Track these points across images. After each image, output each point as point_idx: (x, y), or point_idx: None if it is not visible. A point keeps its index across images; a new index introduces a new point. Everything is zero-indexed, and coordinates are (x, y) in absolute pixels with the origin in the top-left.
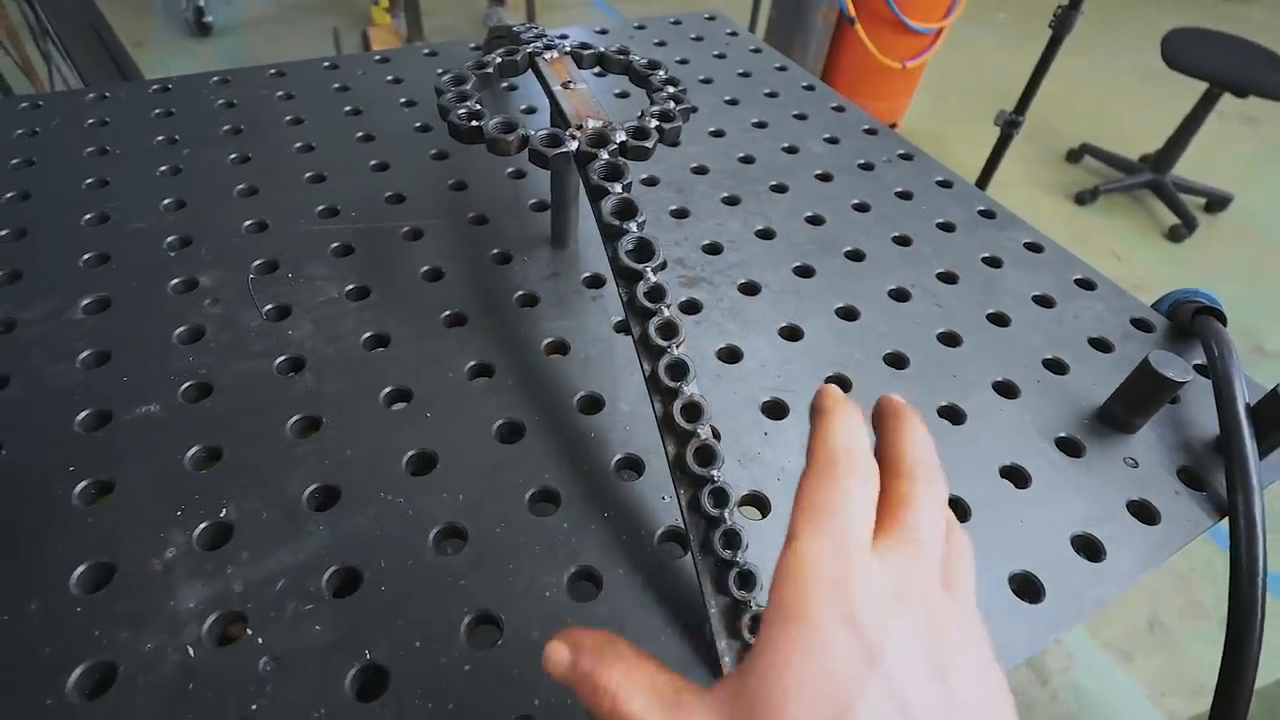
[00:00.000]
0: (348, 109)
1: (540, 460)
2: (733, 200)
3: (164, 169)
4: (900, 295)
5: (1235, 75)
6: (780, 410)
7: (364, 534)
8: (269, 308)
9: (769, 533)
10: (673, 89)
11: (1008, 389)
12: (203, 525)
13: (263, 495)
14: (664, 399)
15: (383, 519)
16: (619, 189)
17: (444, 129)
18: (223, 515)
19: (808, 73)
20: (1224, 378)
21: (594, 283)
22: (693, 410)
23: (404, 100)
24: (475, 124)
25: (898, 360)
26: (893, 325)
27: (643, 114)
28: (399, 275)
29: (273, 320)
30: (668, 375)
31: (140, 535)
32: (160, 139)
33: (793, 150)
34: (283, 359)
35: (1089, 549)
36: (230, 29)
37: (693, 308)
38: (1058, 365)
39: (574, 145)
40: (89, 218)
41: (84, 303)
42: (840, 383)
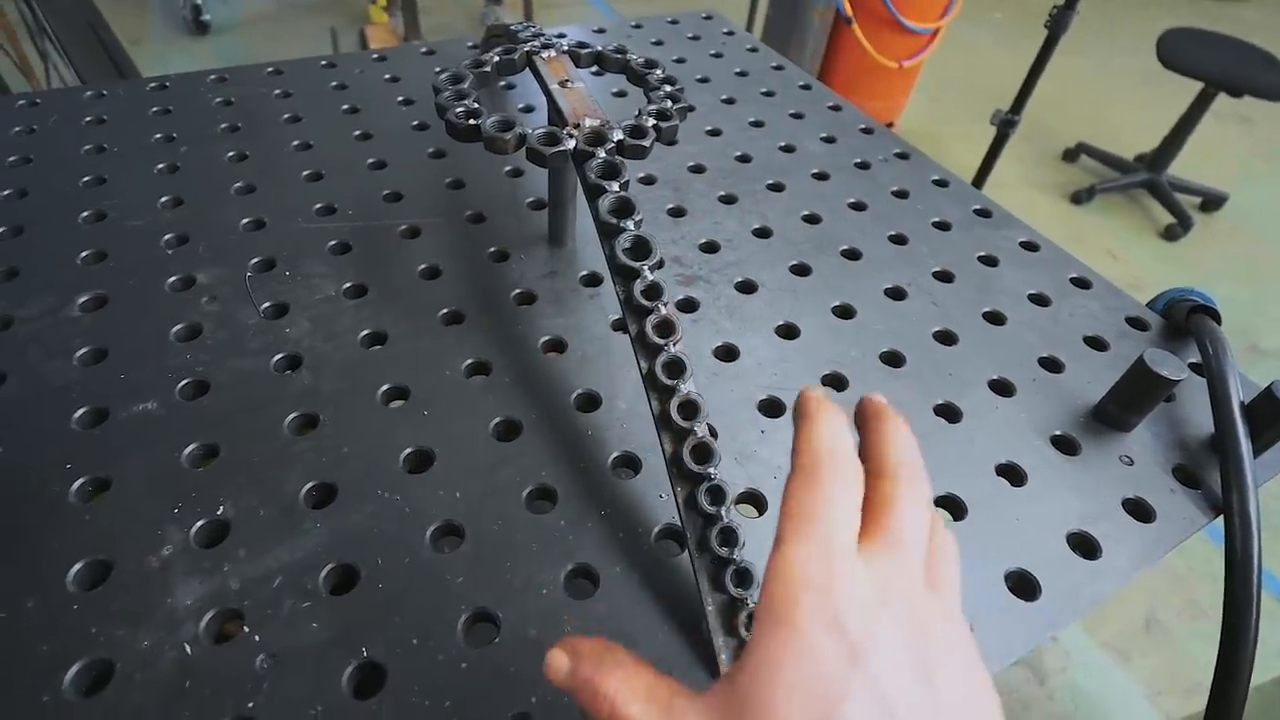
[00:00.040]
0: (345, 107)
1: (537, 458)
2: (730, 199)
3: (161, 167)
4: (896, 294)
5: (1230, 75)
6: (777, 408)
7: (361, 532)
8: (266, 305)
9: (766, 530)
10: (670, 88)
11: (1004, 387)
12: (200, 523)
13: (260, 493)
14: (661, 397)
15: (380, 517)
16: (616, 187)
17: (441, 127)
18: (220, 513)
19: (804, 72)
20: (1219, 376)
21: (591, 281)
22: (689, 408)
23: (401, 99)
24: (473, 122)
25: (894, 359)
26: (889, 324)
27: (640, 113)
28: (396, 273)
29: (270, 318)
30: (665, 373)
31: (137, 533)
32: (158, 137)
33: (789, 149)
34: (280, 357)
35: (1085, 547)
36: (228, 27)
37: (690, 306)
38: (1053, 364)
39: (571, 144)
40: (86, 215)
41: (81, 300)
42: (836, 381)
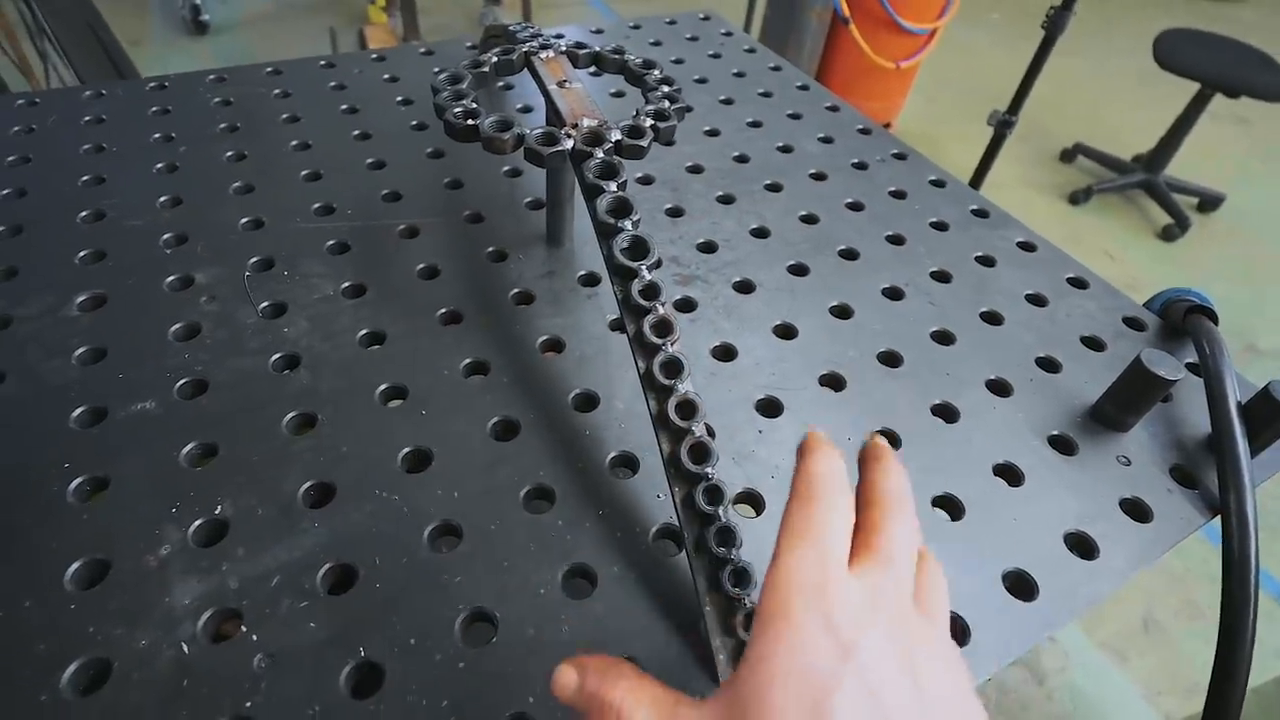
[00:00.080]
0: (344, 107)
1: (535, 457)
2: (727, 199)
3: (160, 166)
4: (894, 294)
5: (1227, 76)
6: (774, 408)
7: (359, 531)
8: (265, 305)
9: (763, 530)
10: (668, 88)
11: (1001, 387)
12: (198, 522)
13: (258, 492)
14: (658, 396)
15: (378, 516)
16: (614, 187)
17: (440, 127)
18: (218, 512)
19: (802, 73)
20: (1215, 376)
21: (589, 281)
22: (687, 408)
23: (400, 99)
24: (471, 122)
25: (891, 358)
26: (886, 324)
27: (638, 113)
28: (395, 273)
29: (269, 318)
30: (662, 373)
31: (135, 532)
32: (157, 136)
33: (787, 149)
34: (278, 356)
35: (1082, 547)
36: (227, 27)
37: (687, 306)
38: (1050, 364)
39: (569, 144)
40: (85, 215)
41: (80, 300)
42: (834, 381)
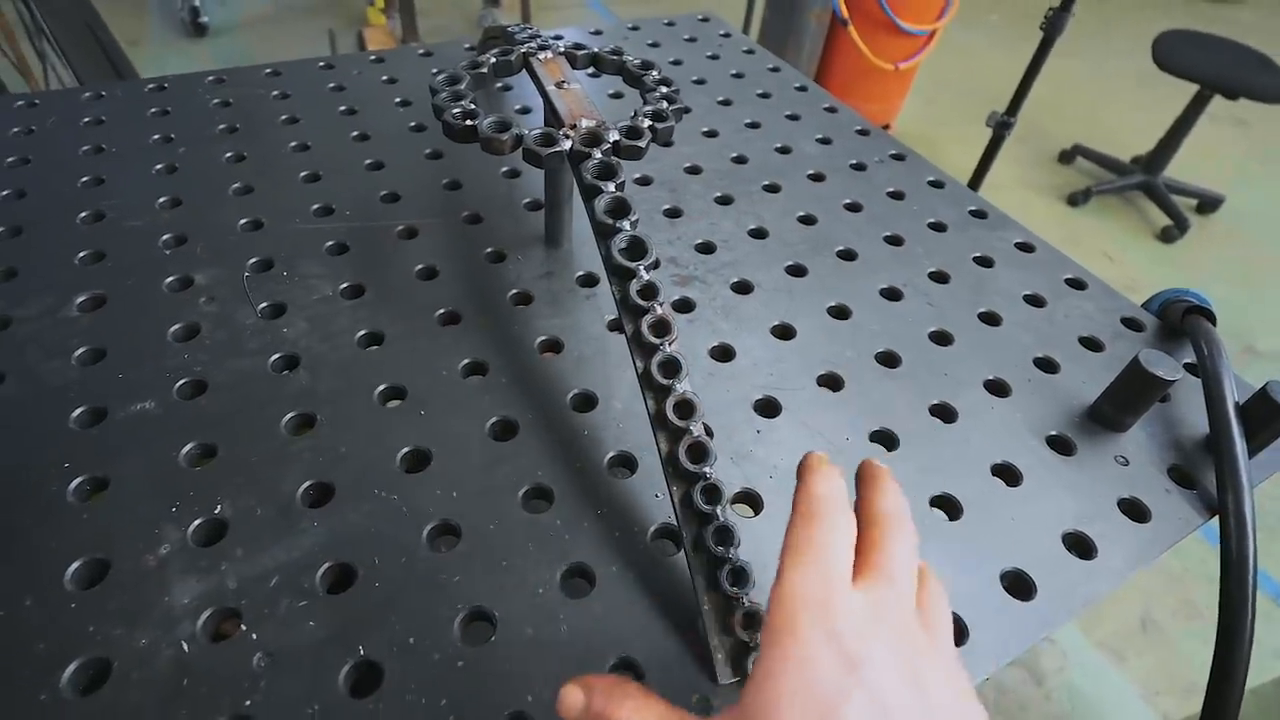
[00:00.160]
0: (343, 108)
1: (534, 458)
2: (726, 200)
3: (159, 167)
4: (892, 294)
5: (1225, 77)
6: (773, 408)
7: (358, 531)
8: (264, 306)
9: (761, 530)
10: (666, 89)
11: (999, 388)
12: (197, 522)
13: (257, 492)
14: (657, 396)
15: (377, 516)
16: (612, 188)
17: (439, 128)
18: (217, 512)
19: (800, 74)
20: (1213, 377)
21: (587, 281)
22: (685, 408)
23: (399, 100)
24: (470, 123)
25: (889, 359)
26: (884, 324)
27: (636, 114)
28: (393, 274)
29: (268, 318)
30: (660, 373)
31: (135, 532)
32: (156, 137)
33: (785, 150)
34: (277, 357)
35: (1080, 547)
36: (226, 29)
37: (685, 306)
38: (1049, 364)
39: (568, 144)
40: (84, 216)
41: (79, 300)
42: (832, 381)
